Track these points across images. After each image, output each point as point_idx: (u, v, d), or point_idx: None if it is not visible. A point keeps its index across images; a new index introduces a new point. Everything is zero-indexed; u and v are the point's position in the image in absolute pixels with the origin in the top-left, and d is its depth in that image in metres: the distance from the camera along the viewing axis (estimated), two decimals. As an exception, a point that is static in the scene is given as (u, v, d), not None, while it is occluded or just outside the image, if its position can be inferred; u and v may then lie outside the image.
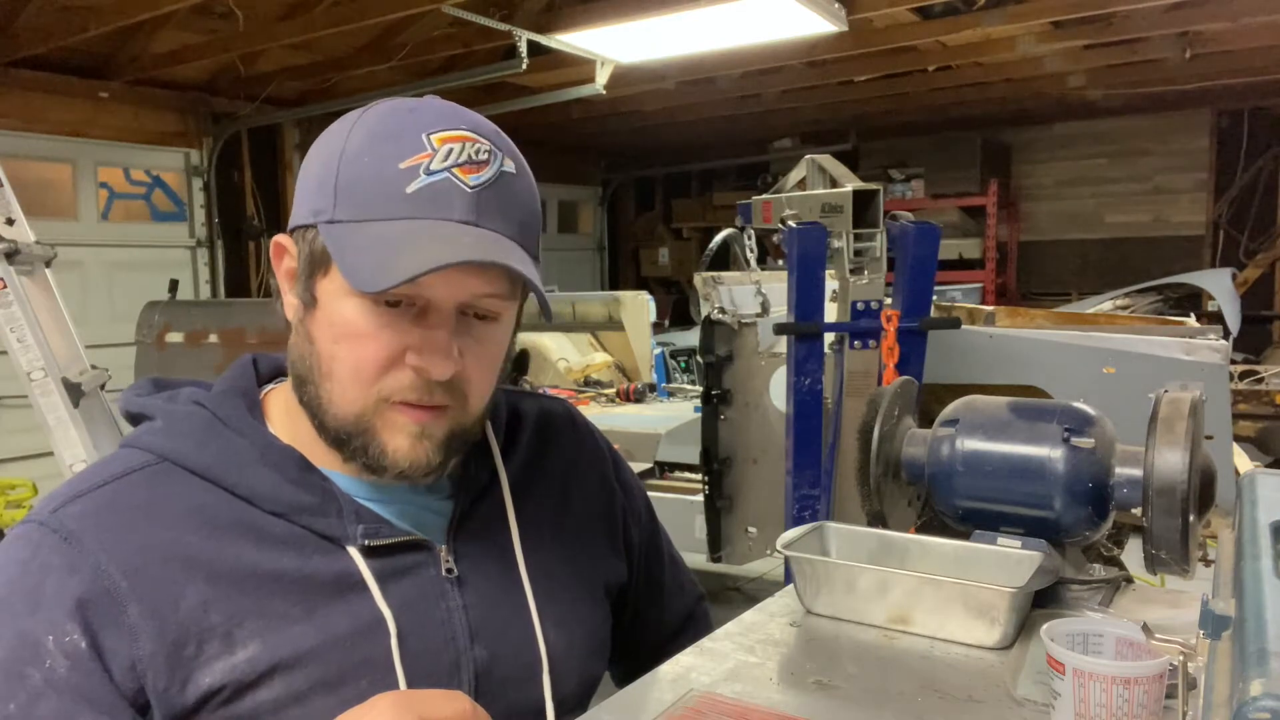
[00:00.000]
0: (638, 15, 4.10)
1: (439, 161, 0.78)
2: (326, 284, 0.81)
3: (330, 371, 0.81)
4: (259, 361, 0.95)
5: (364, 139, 0.80)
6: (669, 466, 3.76)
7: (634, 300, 4.43)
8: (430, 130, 0.79)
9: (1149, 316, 4.59)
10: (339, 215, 0.79)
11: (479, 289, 0.80)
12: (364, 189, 0.78)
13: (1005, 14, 4.72)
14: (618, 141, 8.74)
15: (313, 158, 0.83)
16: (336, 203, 0.79)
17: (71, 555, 0.77)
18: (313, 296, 0.82)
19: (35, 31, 4.65)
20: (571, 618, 0.95)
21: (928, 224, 2.36)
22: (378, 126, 0.81)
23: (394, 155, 0.78)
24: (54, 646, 0.74)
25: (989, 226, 7.51)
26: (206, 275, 6.17)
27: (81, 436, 2.87)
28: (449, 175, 0.78)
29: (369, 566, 0.84)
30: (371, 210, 0.78)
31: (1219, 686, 0.54)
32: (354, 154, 0.79)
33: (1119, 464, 1.05)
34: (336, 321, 0.80)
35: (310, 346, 0.83)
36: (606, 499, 1.06)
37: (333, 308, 0.80)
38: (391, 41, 5.23)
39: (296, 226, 0.83)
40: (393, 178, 0.77)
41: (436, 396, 0.81)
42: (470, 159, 0.79)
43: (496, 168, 0.80)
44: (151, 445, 0.85)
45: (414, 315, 0.79)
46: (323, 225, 0.79)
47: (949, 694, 0.87)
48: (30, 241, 2.87)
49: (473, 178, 0.79)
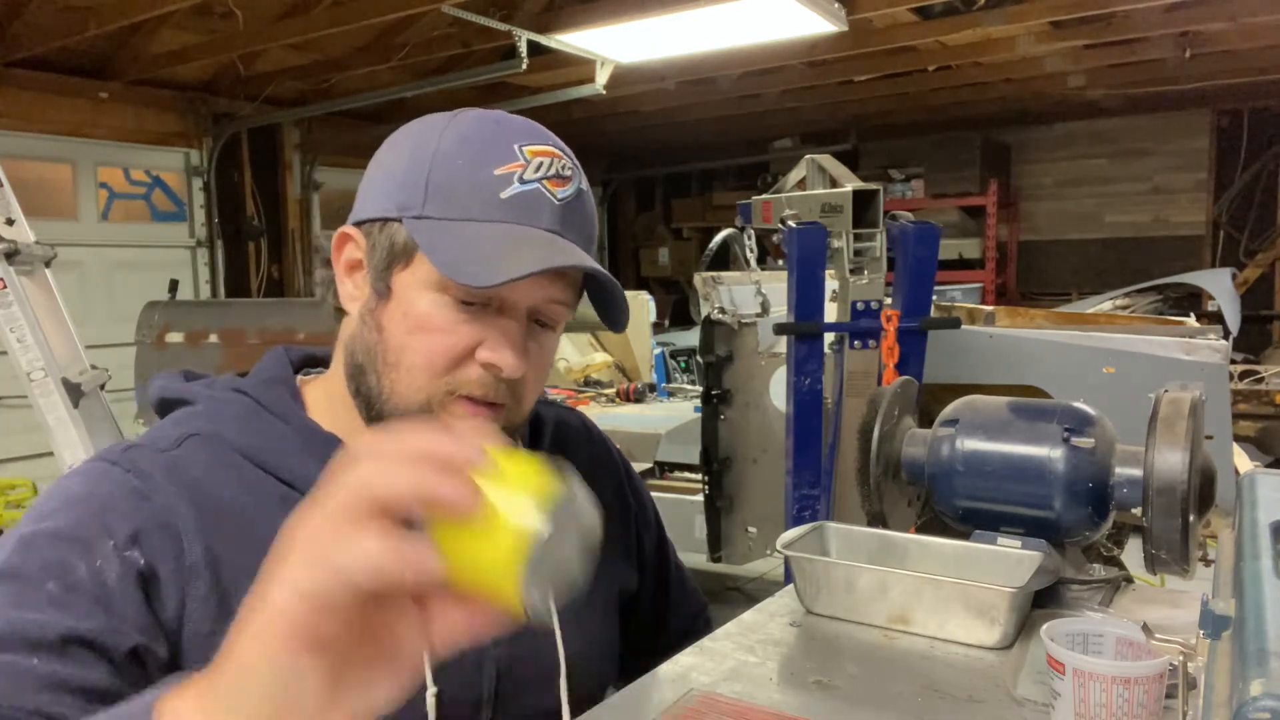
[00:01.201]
0: (637, 15, 4.10)
1: (531, 172, 0.82)
2: (406, 276, 0.83)
3: (399, 361, 0.83)
4: (289, 352, 0.96)
5: (456, 142, 0.83)
6: (669, 466, 3.75)
7: (634, 300, 4.42)
8: (521, 142, 0.83)
9: (1149, 316, 4.59)
10: (429, 212, 0.81)
11: (554, 294, 0.84)
12: (459, 190, 0.81)
13: (1005, 14, 4.72)
14: (618, 141, 8.73)
15: (395, 155, 0.85)
16: (427, 199, 0.81)
17: (144, 487, 0.78)
18: (388, 287, 0.83)
19: (35, 31, 4.65)
20: (589, 624, 0.96)
21: (928, 224, 2.36)
22: (469, 132, 0.84)
23: (489, 161, 0.81)
24: (110, 551, 0.74)
25: (989, 226, 7.51)
26: (206, 275, 6.16)
27: (81, 436, 2.87)
28: (540, 186, 0.82)
29: None
30: (466, 210, 0.81)
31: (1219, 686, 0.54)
32: (447, 155, 0.82)
33: (1119, 464, 1.05)
34: (412, 313, 0.82)
35: (378, 336, 0.84)
36: (621, 509, 1.08)
37: (410, 300, 0.82)
38: (391, 41, 5.23)
39: (370, 219, 0.84)
40: (488, 182, 0.81)
41: (500, 394, 0.84)
42: (558, 173, 0.84)
43: (577, 184, 0.85)
44: (194, 425, 0.85)
45: (489, 315, 0.82)
46: (409, 220, 0.81)
47: (949, 694, 0.87)
48: (30, 241, 2.87)
49: (560, 191, 0.83)
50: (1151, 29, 5.01)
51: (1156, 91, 6.55)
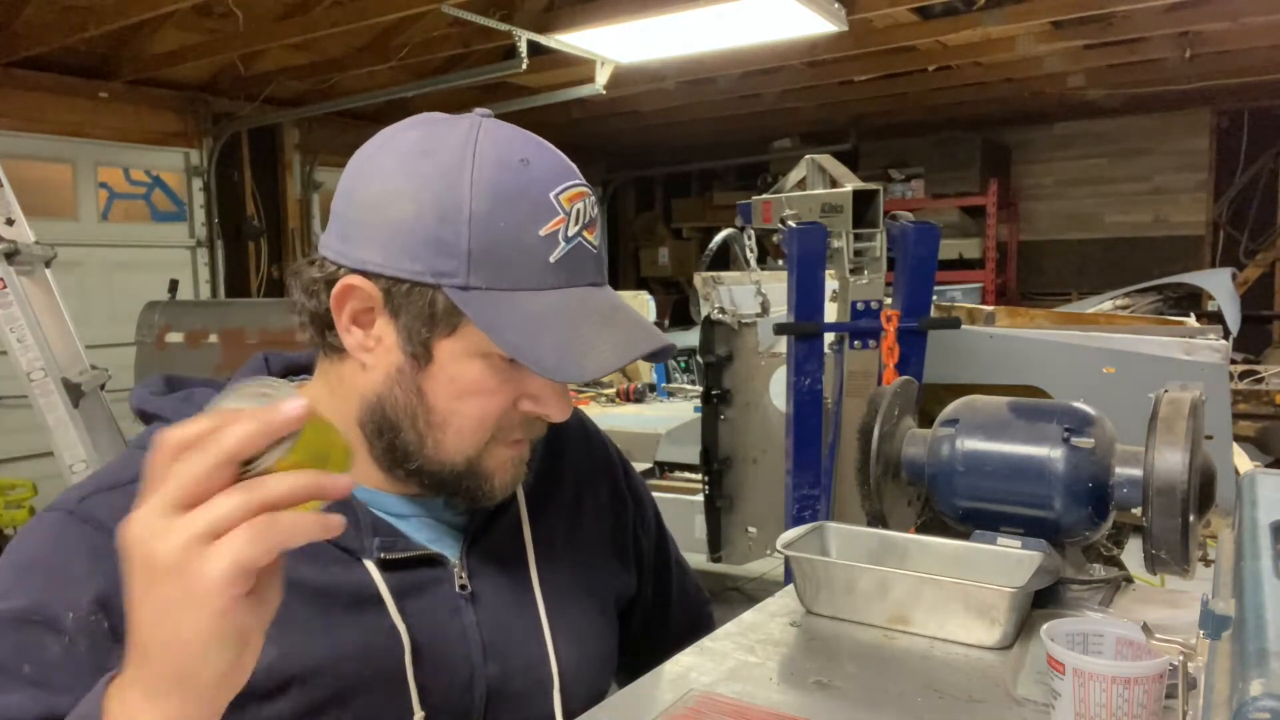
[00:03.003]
0: (637, 15, 4.10)
1: (573, 225, 0.80)
2: (451, 344, 0.80)
3: (446, 424, 0.82)
4: (270, 360, 0.94)
5: (491, 199, 0.77)
6: (669, 466, 3.76)
7: (634, 300, 4.43)
8: (555, 190, 0.79)
9: (1149, 316, 4.59)
10: (475, 283, 0.77)
11: None
12: (506, 256, 0.77)
13: (1005, 14, 4.71)
14: (618, 141, 8.73)
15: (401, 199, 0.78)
16: (471, 269, 0.77)
17: (99, 543, 0.76)
18: (429, 353, 0.81)
19: (35, 31, 4.65)
20: (582, 633, 0.95)
21: (928, 224, 2.36)
22: (502, 183, 0.78)
23: (531, 221, 0.78)
24: (72, 625, 0.74)
25: (989, 226, 7.50)
26: (206, 275, 6.16)
27: (81, 437, 2.88)
28: (582, 240, 0.81)
29: (385, 580, 0.83)
30: (516, 280, 0.78)
31: (1219, 686, 0.54)
32: (486, 216, 0.76)
33: (1119, 464, 1.05)
34: (461, 380, 0.81)
35: (419, 400, 0.82)
36: (618, 510, 1.06)
37: (457, 368, 0.81)
38: (391, 41, 5.22)
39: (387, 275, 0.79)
40: (535, 246, 0.78)
41: (537, 430, 0.87)
42: (591, 219, 0.82)
43: (595, 213, 0.83)
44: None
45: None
46: (452, 290, 0.77)
47: (949, 694, 0.87)
48: (30, 241, 2.88)
49: (593, 237, 0.82)
50: (1151, 29, 5.01)
51: (1156, 91, 6.55)
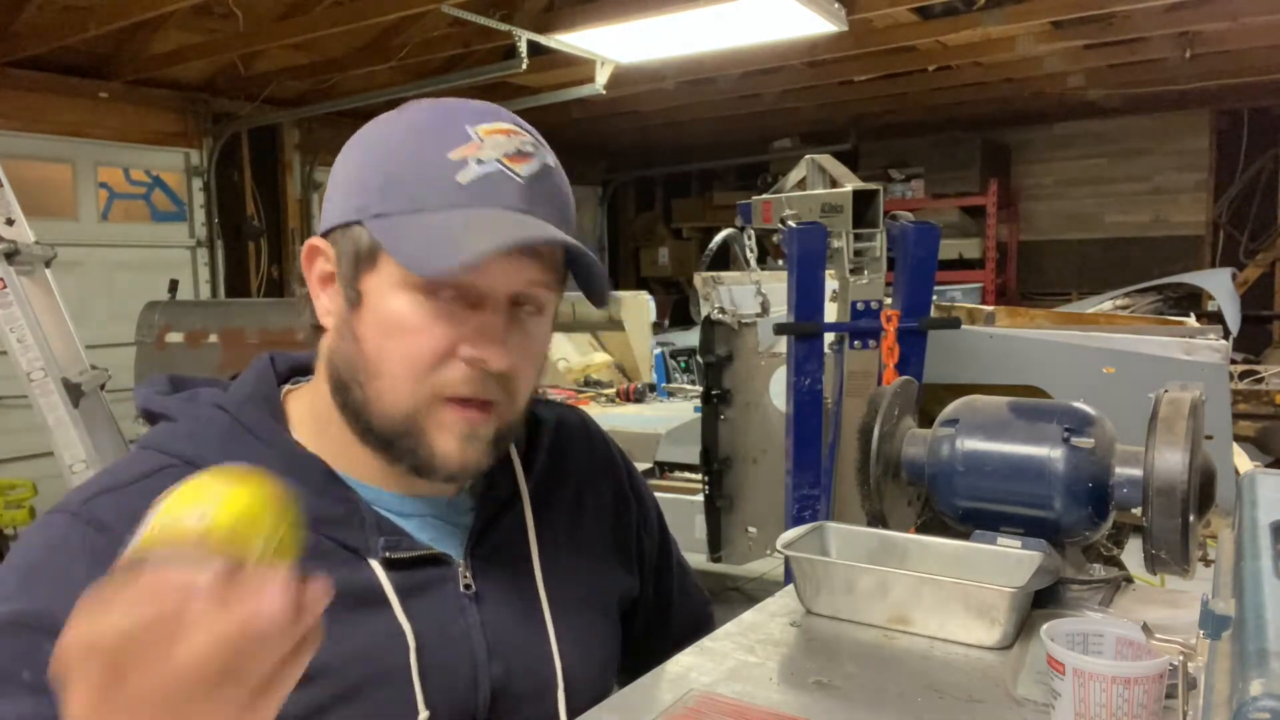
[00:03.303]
0: (637, 15, 4.10)
1: (488, 152, 0.78)
2: (374, 279, 0.79)
3: (379, 369, 0.80)
4: (276, 360, 0.94)
5: (406, 132, 0.80)
6: (669, 466, 3.76)
7: (634, 300, 4.43)
8: (474, 123, 0.79)
9: (1149, 316, 4.59)
10: (387, 209, 0.78)
11: (533, 276, 0.80)
12: (413, 180, 0.77)
13: (1005, 14, 4.71)
14: (618, 141, 8.73)
15: (349, 159, 0.82)
16: (384, 197, 0.78)
17: (101, 545, 0.75)
18: (358, 293, 0.80)
19: (35, 31, 4.65)
20: (586, 634, 0.95)
21: (928, 224, 2.36)
22: (419, 120, 0.80)
23: (441, 146, 0.77)
24: None
25: (989, 226, 7.51)
26: (206, 275, 6.16)
27: (81, 436, 2.88)
28: (499, 165, 0.78)
29: (389, 579, 0.83)
30: (424, 201, 0.77)
31: (1219, 686, 0.54)
32: (398, 146, 0.79)
33: (1119, 464, 1.05)
34: (385, 316, 0.79)
35: (356, 346, 0.81)
36: (620, 510, 1.06)
37: (381, 303, 0.79)
38: (391, 41, 5.22)
39: (334, 227, 0.81)
40: (443, 168, 0.77)
41: (489, 390, 0.80)
42: (518, 150, 0.79)
43: (541, 160, 0.81)
44: (173, 449, 0.83)
45: (465, 307, 0.78)
46: (369, 220, 0.78)
47: (949, 694, 0.87)
48: (30, 241, 2.88)
49: (522, 168, 0.79)
50: (1151, 29, 5.01)
51: (1156, 91, 6.55)
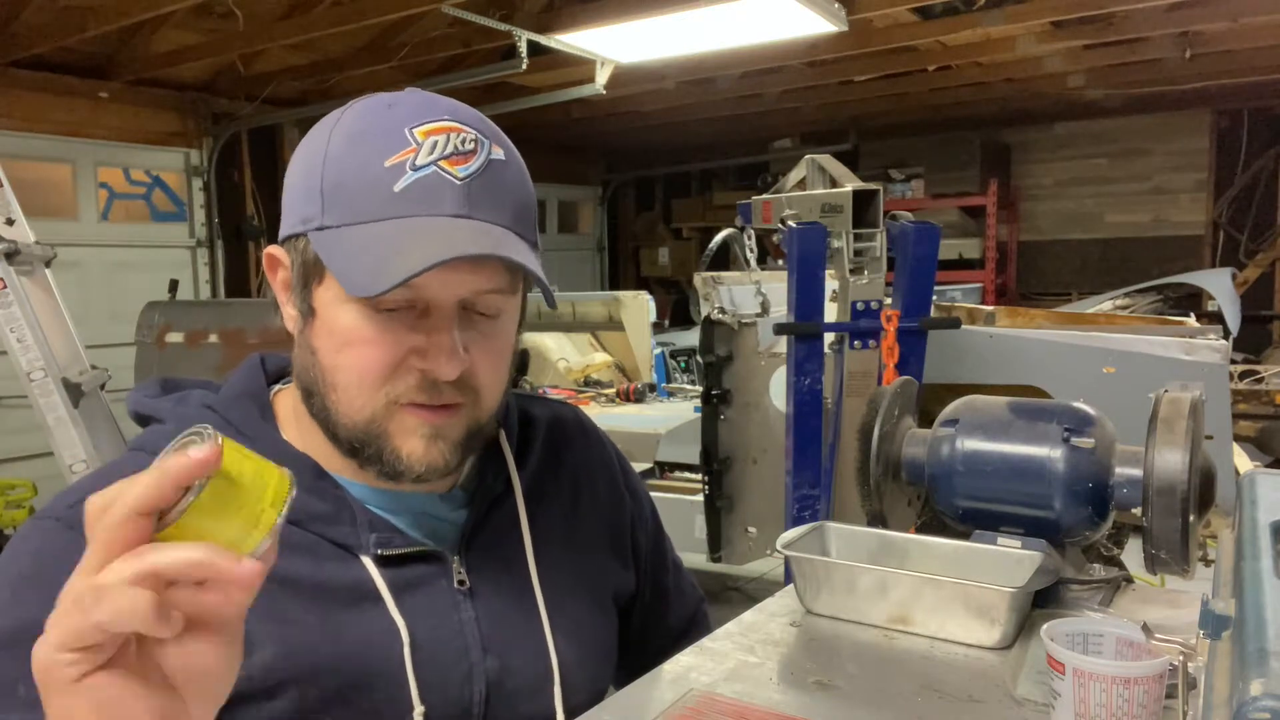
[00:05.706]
0: (638, 15, 4.10)
1: (425, 155, 0.76)
2: (323, 292, 0.79)
3: (335, 382, 0.80)
4: (266, 361, 0.94)
5: (344, 140, 0.78)
6: (669, 466, 3.76)
7: (634, 300, 4.43)
8: (412, 124, 0.77)
9: (1149, 316, 4.59)
10: (328, 221, 0.77)
11: (478, 284, 0.78)
12: (350, 191, 0.76)
13: (1005, 14, 4.72)
14: (618, 141, 8.74)
15: (296, 165, 0.81)
16: (324, 209, 0.77)
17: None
18: (310, 306, 0.80)
19: (35, 31, 4.65)
20: (582, 628, 0.95)
21: (928, 224, 2.36)
22: (357, 126, 0.79)
23: (378, 153, 0.76)
24: None
25: (989, 226, 7.51)
26: (206, 275, 6.16)
27: (81, 436, 2.88)
28: (436, 169, 0.76)
29: (382, 576, 0.83)
30: (360, 212, 0.76)
31: (1219, 686, 0.54)
32: (336, 156, 0.77)
33: (1119, 464, 1.05)
34: (336, 330, 0.78)
35: (313, 358, 0.81)
36: (616, 507, 1.06)
37: (331, 316, 0.79)
38: (391, 41, 5.23)
39: (288, 236, 0.81)
40: (379, 177, 0.75)
41: (446, 395, 0.80)
42: (457, 150, 0.77)
43: (484, 156, 0.78)
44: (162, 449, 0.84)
45: (415, 317, 0.78)
46: (313, 233, 0.77)
47: (949, 694, 0.87)
48: (30, 241, 2.88)
49: (461, 169, 0.77)
50: (1151, 29, 5.01)
51: (1156, 91, 6.55)
